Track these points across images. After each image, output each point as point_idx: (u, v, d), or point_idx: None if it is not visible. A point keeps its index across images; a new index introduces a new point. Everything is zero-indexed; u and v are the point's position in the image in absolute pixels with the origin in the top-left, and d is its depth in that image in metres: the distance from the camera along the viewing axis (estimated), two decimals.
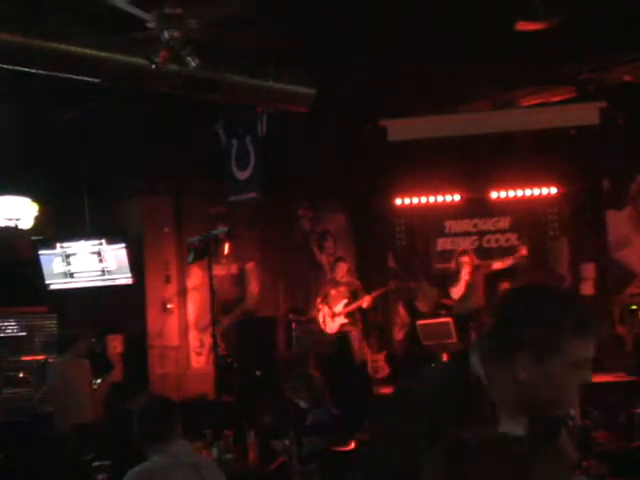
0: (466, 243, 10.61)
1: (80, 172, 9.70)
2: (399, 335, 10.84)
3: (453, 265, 10.06)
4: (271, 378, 9.22)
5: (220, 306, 9.63)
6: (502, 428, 2.02)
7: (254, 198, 9.00)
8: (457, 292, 9.90)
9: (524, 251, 9.73)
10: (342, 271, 10.27)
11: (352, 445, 5.71)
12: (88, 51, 6.27)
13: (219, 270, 9.87)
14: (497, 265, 9.80)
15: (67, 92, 7.90)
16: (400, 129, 9.46)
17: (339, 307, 10.08)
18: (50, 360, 9.16)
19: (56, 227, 9.78)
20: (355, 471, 2.20)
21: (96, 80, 6.80)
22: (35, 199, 9.26)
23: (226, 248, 9.27)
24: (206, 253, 8.54)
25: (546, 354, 2.03)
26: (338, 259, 10.58)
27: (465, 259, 9.91)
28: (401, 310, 10.86)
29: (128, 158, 9.69)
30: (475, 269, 9.86)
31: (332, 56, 7.52)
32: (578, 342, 2.04)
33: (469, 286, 9.79)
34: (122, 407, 6.96)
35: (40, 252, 9.39)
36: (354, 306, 10.05)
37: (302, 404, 6.02)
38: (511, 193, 10.44)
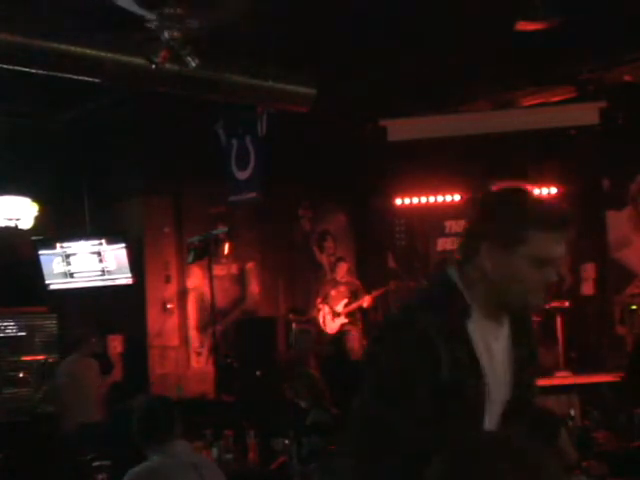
0: None
1: (80, 172, 9.71)
2: None
3: None
4: (271, 378, 9.22)
5: (220, 306, 9.63)
6: (474, 322, 2.13)
7: (254, 198, 9.00)
8: None
9: None
10: (342, 271, 10.28)
11: None
12: (88, 51, 6.27)
13: (219, 270, 9.87)
14: None
15: (67, 92, 7.90)
16: (400, 129, 9.45)
17: (339, 307, 10.09)
18: (50, 360, 9.18)
19: (56, 227, 9.78)
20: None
21: (96, 80, 6.80)
22: (35, 199, 9.26)
23: (226, 248, 9.27)
24: (206, 253, 8.53)
25: (510, 244, 2.09)
26: (339, 259, 10.58)
27: None
28: None
29: (128, 158, 9.69)
30: None
31: (332, 56, 7.52)
32: (544, 237, 2.09)
33: None
34: (122, 407, 6.96)
35: (40, 252, 9.39)
36: (354, 306, 10.05)
37: (302, 404, 6.02)
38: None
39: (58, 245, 9.41)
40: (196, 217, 9.85)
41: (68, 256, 9.40)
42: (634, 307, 9.52)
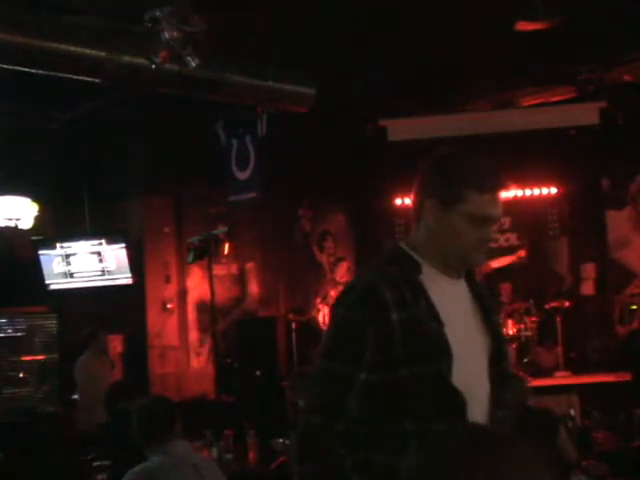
0: None
1: (80, 172, 9.71)
2: None
3: None
4: (271, 378, 9.22)
5: (220, 306, 9.63)
6: (427, 276, 2.27)
7: (254, 198, 9.00)
8: None
9: (523, 253, 9.69)
10: (342, 271, 10.27)
11: None
12: (88, 51, 6.27)
13: (219, 270, 9.87)
14: (495, 264, 9.79)
15: (67, 92, 7.90)
16: (400, 129, 9.45)
17: None
18: (50, 360, 9.19)
19: (56, 227, 9.78)
20: None
21: (96, 80, 6.79)
22: (35, 199, 9.26)
23: (226, 248, 9.26)
24: (206, 253, 8.52)
25: (449, 202, 2.26)
26: (340, 259, 10.56)
27: None
28: None
29: (128, 158, 9.69)
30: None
31: (332, 56, 7.52)
32: (480, 197, 2.25)
33: None
34: (122, 407, 6.96)
35: (40, 252, 9.38)
36: None
37: (302, 404, 6.01)
38: (511, 193, 10.43)
39: (58, 245, 9.41)
40: (196, 217, 9.85)
41: (68, 256, 9.40)
42: (634, 307, 9.53)
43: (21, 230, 9.22)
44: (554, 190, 10.20)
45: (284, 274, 10.80)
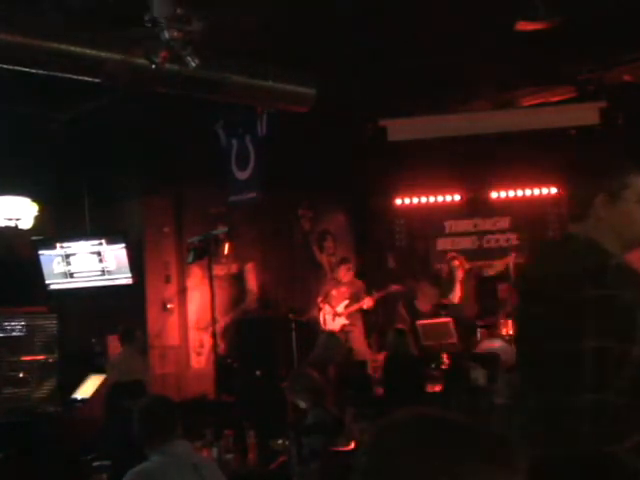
0: (466, 243, 10.62)
1: (80, 172, 9.71)
2: None
3: (445, 269, 10.12)
4: (271, 378, 9.21)
5: (220, 306, 9.63)
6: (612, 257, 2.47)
7: (254, 198, 9.00)
8: (456, 296, 9.92)
9: (512, 257, 9.65)
10: (343, 271, 10.27)
11: (352, 445, 5.71)
12: (88, 51, 6.26)
13: (219, 270, 9.88)
14: (491, 271, 9.84)
15: (67, 92, 7.90)
16: (400, 129, 9.45)
17: (340, 307, 10.08)
18: (50, 360, 9.18)
19: (56, 227, 9.78)
20: None
21: (96, 80, 6.79)
22: (35, 199, 9.26)
23: (226, 248, 9.26)
24: (206, 253, 8.53)
25: (617, 193, 2.57)
26: (342, 260, 10.54)
27: (456, 263, 9.96)
28: (401, 310, 10.85)
29: (128, 158, 9.69)
30: (467, 273, 9.92)
31: (332, 56, 7.51)
32: (638, 178, 2.60)
33: (465, 290, 9.87)
34: (122, 407, 6.97)
35: (40, 252, 9.39)
36: (355, 307, 10.04)
37: (301, 404, 6.02)
38: (511, 193, 10.45)
39: (58, 245, 9.41)
40: (196, 217, 9.85)
41: (68, 256, 9.40)
42: None
43: (21, 230, 9.22)
44: (554, 190, 10.20)
45: (284, 274, 10.80)
